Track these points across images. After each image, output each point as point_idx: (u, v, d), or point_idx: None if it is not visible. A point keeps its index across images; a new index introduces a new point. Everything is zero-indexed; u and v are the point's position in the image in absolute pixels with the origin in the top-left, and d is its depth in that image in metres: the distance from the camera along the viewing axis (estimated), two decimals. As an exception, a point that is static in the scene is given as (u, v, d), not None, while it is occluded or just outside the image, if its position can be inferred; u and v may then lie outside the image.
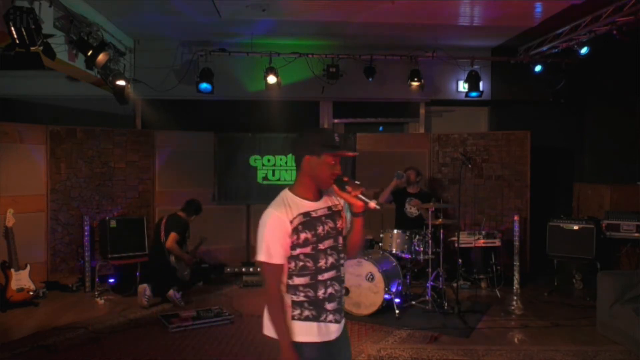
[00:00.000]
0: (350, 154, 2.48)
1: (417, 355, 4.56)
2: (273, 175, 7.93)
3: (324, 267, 2.34)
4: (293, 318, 2.31)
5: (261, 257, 2.26)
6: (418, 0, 6.11)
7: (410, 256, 6.02)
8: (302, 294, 2.32)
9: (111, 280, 6.76)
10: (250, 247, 7.99)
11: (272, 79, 7.43)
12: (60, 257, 6.84)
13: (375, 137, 8.22)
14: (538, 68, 7.86)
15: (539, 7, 6.43)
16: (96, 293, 6.44)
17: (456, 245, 6.22)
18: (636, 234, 6.27)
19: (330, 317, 2.36)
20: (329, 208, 2.41)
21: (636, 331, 4.49)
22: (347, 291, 5.55)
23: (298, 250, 2.29)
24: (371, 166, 7.65)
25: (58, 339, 4.96)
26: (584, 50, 6.91)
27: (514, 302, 6.22)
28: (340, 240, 2.44)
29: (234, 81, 7.99)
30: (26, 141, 6.62)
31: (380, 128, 9.06)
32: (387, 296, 5.57)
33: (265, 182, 7.92)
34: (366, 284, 5.59)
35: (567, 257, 6.74)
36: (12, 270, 5.93)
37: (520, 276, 6.80)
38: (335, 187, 2.34)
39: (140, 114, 8.30)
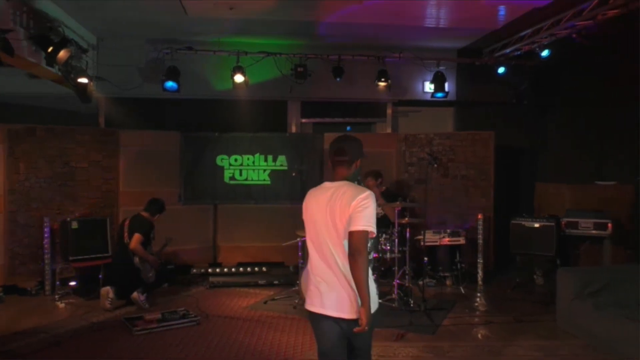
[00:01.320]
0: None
1: (384, 352, 4.59)
2: (240, 174, 7.87)
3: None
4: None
5: (370, 227, 2.66)
6: (385, 1, 6.16)
7: (377, 255, 6.05)
8: (372, 265, 2.77)
9: (73, 283, 6.58)
10: (216, 248, 7.92)
11: (239, 78, 7.38)
12: (19, 259, 6.61)
13: (343, 137, 8.20)
14: (501, 70, 8.03)
15: (502, 10, 6.57)
16: (57, 296, 6.26)
17: (422, 243, 6.30)
18: (593, 231, 6.47)
19: None
20: None
21: (595, 326, 4.63)
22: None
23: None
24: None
25: (19, 344, 4.80)
26: (544, 53, 7.14)
27: (478, 299, 6.33)
28: None
29: (200, 80, 7.90)
30: (-17, 140, 6.40)
31: (348, 128, 9.09)
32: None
33: (232, 182, 7.86)
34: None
35: (529, 254, 6.91)
36: (-32, 273, 5.74)
37: (484, 274, 6.90)
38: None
39: (104, 112, 8.11)
